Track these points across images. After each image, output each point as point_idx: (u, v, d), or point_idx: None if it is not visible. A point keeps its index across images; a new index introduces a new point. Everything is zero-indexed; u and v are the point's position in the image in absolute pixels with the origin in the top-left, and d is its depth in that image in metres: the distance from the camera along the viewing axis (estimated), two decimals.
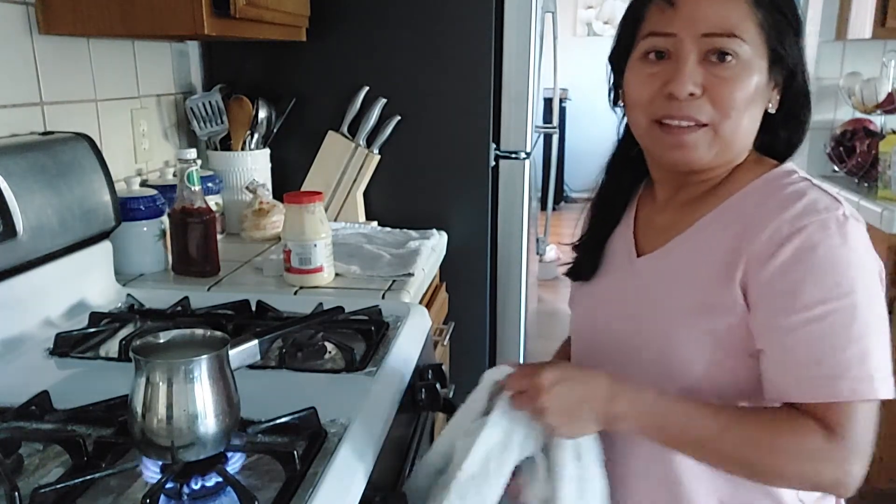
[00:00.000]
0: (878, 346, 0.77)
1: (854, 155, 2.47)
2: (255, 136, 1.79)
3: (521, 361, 2.00)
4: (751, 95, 0.84)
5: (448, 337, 1.70)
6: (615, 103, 0.97)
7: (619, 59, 0.93)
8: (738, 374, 0.85)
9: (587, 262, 1.02)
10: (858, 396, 0.76)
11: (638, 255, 0.96)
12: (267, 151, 1.82)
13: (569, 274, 1.06)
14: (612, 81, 0.96)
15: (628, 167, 1.01)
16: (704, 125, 0.84)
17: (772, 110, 0.88)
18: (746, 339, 0.83)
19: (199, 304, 1.22)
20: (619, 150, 1.03)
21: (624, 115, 0.96)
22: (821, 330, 0.77)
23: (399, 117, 1.83)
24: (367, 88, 1.82)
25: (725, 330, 0.83)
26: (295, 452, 0.73)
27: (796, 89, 0.89)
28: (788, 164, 0.90)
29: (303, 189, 1.83)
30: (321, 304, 1.21)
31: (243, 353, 0.83)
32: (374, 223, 1.85)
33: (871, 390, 0.76)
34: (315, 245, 1.35)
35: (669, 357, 0.86)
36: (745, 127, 0.86)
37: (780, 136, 0.92)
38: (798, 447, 0.78)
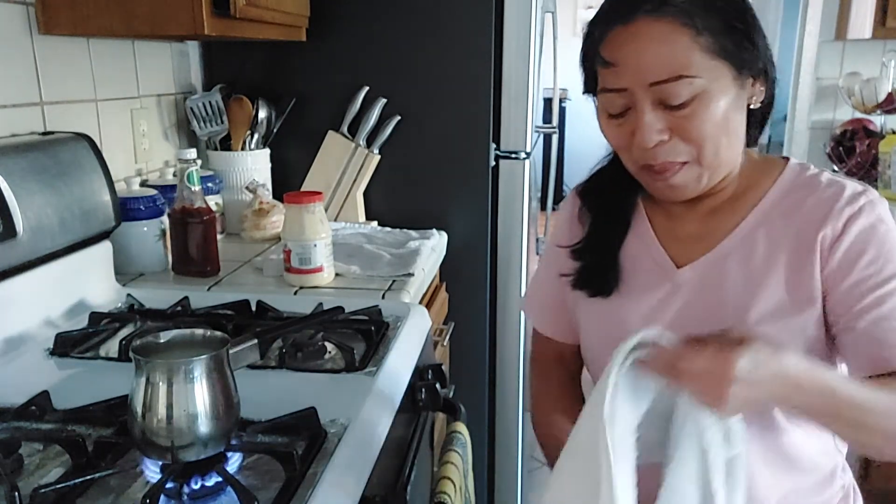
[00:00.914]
0: None
1: (854, 155, 2.47)
2: (255, 136, 1.79)
3: (521, 362, 2.00)
4: (721, 118, 0.83)
5: (448, 337, 1.70)
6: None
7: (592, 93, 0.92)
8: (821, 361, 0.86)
9: (607, 276, 0.96)
10: None
11: (677, 267, 0.93)
12: (267, 151, 1.82)
13: (581, 285, 0.99)
14: (596, 106, 0.93)
15: (628, 179, 0.97)
16: (685, 163, 0.85)
17: (755, 106, 0.88)
18: (818, 328, 0.86)
19: (199, 304, 1.22)
20: (616, 164, 0.98)
21: None
22: None
23: (399, 117, 1.83)
24: (367, 88, 1.82)
25: (813, 322, 0.85)
26: (295, 452, 0.73)
27: (771, 80, 0.89)
28: (793, 159, 0.93)
29: (303, 189, 1.83)
30: (321, 304, 1.21)
31: (243, 353, 0.83)
32: (374, 223, 1.85)
33: None
34: (315, 245, 1.35)
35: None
36: (728, 144, 0.86)
37: (753, 126, 0.92)
38: None
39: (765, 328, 0.85)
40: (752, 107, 0.88)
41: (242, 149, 1.78)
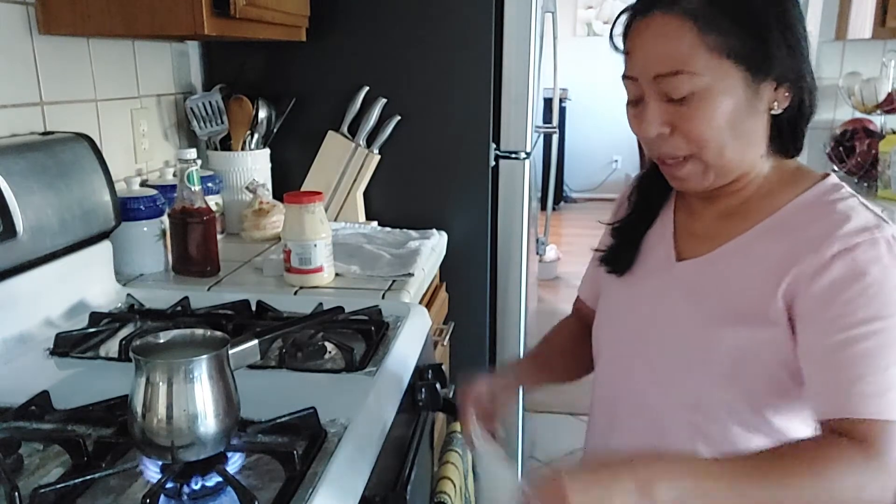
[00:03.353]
0: None
1: (854, 155, 2.47)
2: (255, 136, 1.79)
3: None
4: (726, 119, 0.83)
5: (448, 337, 1.70)
6: None
7: None
8: (765, 384, 0.86)
9: (624, 256, 1.01)
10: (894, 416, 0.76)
11: (678, 260, 0.95)
12: (267, 151, 1.82)
13: (604, 261, 1.04)
14: None
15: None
16: (689, 156, 0.86)
17: (776, 111, 0.86)
18: (781, 351, 0.84)
19: (199, 304, 1.22)
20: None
21: None
22: (866, 348, 0.78)
23: (399, 117, 1.83)
24: (367, 88, 1.82)
25: (765, 340, 0.85)
26: (295, 452, 0.73)
27: (804, 87, 0.86)
28: (833, 178, 0.89)
29: (303, 189, 1.83)
30: (321, 304, 1.21)
31: (243, 353, 0.83)
32: (374, 223, 1.85)
33: None
34: (315, 245, 1.35)
35: (708, 362, 0.87)
36: (737, 146, 0.85)
37: (784, 134, 0.90)
38: (839, 469, 0.76)
39: (720, 333, 0.86)
40: (773, 112, 0.86)
41: (242, 149, 1.78)
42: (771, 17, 0.83)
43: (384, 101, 1.82)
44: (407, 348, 1.12)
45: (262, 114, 1.78)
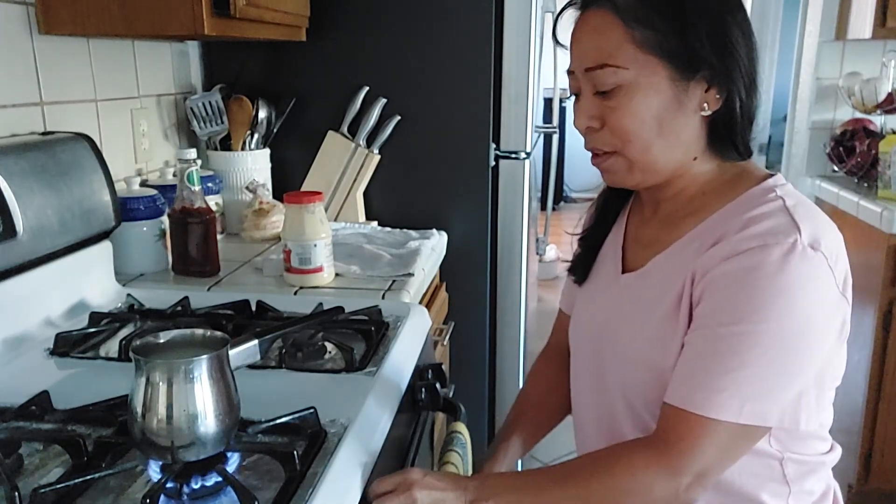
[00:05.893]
0: (767, 377, 0.78)
1: (854, 155, 2.47)
2: (255, 136, 1.79)
3: (521, 362, 2.01)
4: (652, 115, 0.83)
5: (448, 337, 1.70)
6: None
7: None
8: None
9: (582, 265, 1.04)
10: (719, 415, 0.78)
11: (624, 271, 0.97)
12: (267, 151, 1.82)
13: (569, 270, 1.08)
14: None
15: None
16: (613, 152, 0.87)
17: (706, 112, 0.85)
18: None
19: (199, 304, 1.22)
20: None
21: None
22: (721, 347, 0.79)
23: (399, 117, 1.83)
24: (367, 88, 1.82)
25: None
26: (295, 452, 0.73)
27: (735, 90, 0.84)
28: (772, 181, 0.87)
29: (303, 189, 1.83)
30: (321, 304, 1.21)
31: (243, 353, 0.83)
32: (374, 223, 1.85)
33: (736, 414, 0.77)
34: (315, 245, 1.35)
35: (658, 375, 0.87)
36: (663, 145, 0.85)
37: (721, 137, 0.88)
38: (629, 471, 0.80)
39: (665, 348, 0.86)
40: (703, 113, 0.85)
41: (242, 149, 1.78)
42: (701, 17, 0.82)
43: (384, 101, 1.82)
44: (407, 348, 1.12)
45: (262, 114, 1.78)
